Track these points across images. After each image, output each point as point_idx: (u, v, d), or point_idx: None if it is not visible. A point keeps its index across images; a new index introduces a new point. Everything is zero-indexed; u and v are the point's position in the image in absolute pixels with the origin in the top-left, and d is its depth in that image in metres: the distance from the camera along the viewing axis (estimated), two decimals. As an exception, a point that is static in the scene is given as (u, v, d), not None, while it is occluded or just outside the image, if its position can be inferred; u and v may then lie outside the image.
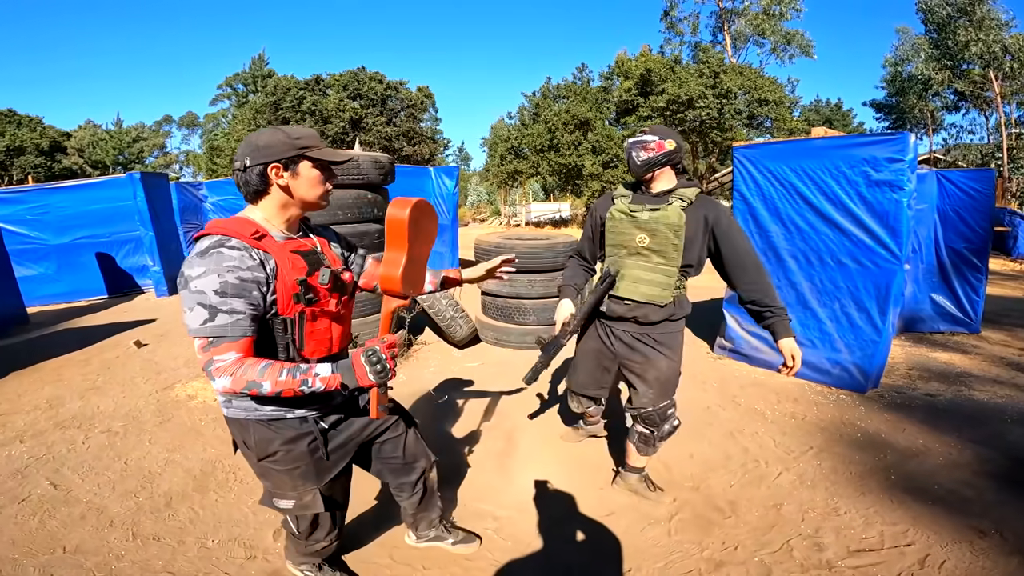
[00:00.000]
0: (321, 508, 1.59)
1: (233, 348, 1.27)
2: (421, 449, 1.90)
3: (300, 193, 1.40)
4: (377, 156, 4.10)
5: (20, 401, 3.85)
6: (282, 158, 1.35)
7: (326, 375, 1.30)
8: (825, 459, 2.87)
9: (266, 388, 1.26)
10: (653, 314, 2.19)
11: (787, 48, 23.67)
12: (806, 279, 3.89)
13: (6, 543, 2.23)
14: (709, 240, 2.12)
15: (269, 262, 1.33)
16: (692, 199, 2.10)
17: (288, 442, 1.50)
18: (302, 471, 1.54)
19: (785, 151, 3.91)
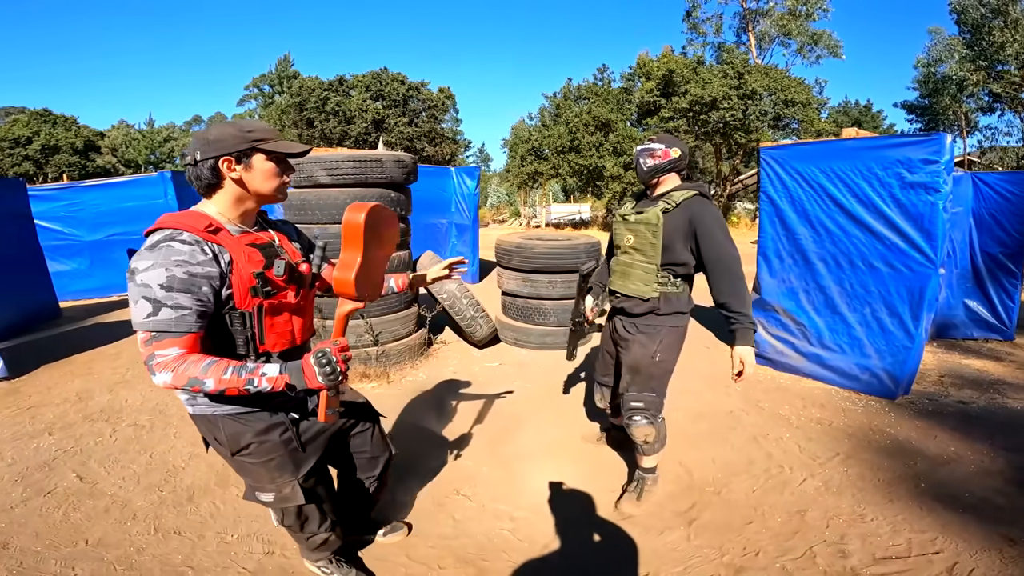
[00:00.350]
0: (301, 500, 1.58)
1: (176, 344, 1.24)
2: (385, 443, 1.94)
3: (255, 186, 1.38)
4: (400, 156, 4.12)
5: (50, 394, 3.95)
6: (234, 151, 1.33)
7: (273, 375, 1.27)
8: (852, 465, 2.81)
9: (208, 385, 1.23)
10: (637, 307, 2.35)
11: (814, 49, 23.20)
12: (835, 283, 3.80)
13: (30, 535, 2.27)
14: (691, 241, 2.19)
15: (224, 256, 1.31)
16: (679, 201, 2.20)
17: (260, 433, 1.49)
18: (277, 462, 1.53)
19: (815, 152, 3.83)
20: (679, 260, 2.22)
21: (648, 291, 2.29)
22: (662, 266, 2.26)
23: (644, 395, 2.37)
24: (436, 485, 2.67)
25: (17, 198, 6.05)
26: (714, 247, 2.15)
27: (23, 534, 2.28)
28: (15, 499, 2.54)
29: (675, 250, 2.21)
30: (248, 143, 1.34)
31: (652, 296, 2.29)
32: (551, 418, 3.44)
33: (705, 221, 2.15)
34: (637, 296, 2.33)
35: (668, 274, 2.27)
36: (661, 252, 2.23)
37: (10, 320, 5.63)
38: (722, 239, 2.15)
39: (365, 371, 4.06)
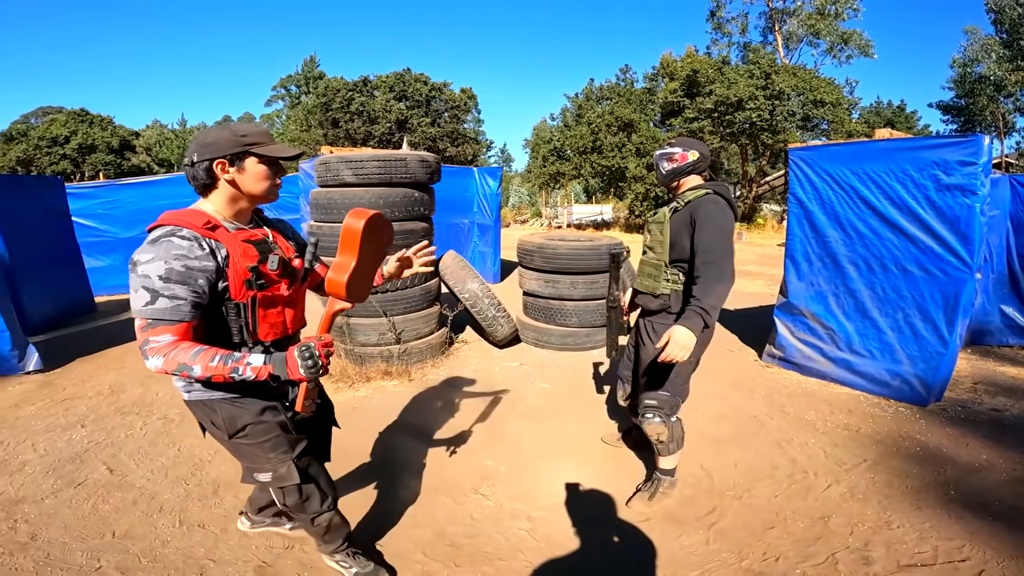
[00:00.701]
0: (297, 478, 1.63)
1: (169, 331, 1.31)
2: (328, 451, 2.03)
3: (247, 187, 1.45)
4: (424, 156, 4.15)
5: (84, 386, 4.07)
6: (227, 154, 1.39)
7: (257, 365, 1.33)
8: (880, 472, 2.76)
9: (196, 372, 1.29)
10: (650, 303, 2.38)
11: (844, 48, 22.67)
12: (867, 287, 3.70)
13: (58, 527, 2.33)
14: (692, 233, 2.17)
15: (221, 251, 1.38)
16: (689, 200, 2.20)
17: (256, 415, 1.56)
18: (273, 443, 1.59)
19: (846, 153, 3.74)
20: (685, 257, 2.21)
21: (657, 287, 2.31)
22: (671, 263, 2.28)
23: (658, 394, 2.36)
24: (454, 483, 2.68)
25: (56, 196, 6.27)
26: (702, 239, 2.11)
27: (52, 525, 2.34)
28: (46, 490, 2.61)
29: (680, 247, 2.21)
30: (241, 147, 1.40)
31: (662, 293, 2.30)
32: (571, 418, 3.42)
33: (701, 214, 2.13)
34: (649, 292, 2.37)
35: (678, 272, 2.27)
36: (668, 249, 2.26)
37: (47, 314, 5.83)
38: (712, 233, 2.10)
39: (387, 369, 4.10)
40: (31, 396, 3.85)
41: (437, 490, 2.62)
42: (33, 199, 5.88)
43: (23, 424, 3.36)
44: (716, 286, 2.07)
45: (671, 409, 2.36)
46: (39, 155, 30.23)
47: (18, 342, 4.22)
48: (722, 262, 2.09)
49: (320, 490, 1.75)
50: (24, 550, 2.18)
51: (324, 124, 25.77)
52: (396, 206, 4.00)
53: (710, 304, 2.06)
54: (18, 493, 2.60)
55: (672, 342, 2.05)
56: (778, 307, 4.23)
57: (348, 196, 3.93)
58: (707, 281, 2.09)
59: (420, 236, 4.27)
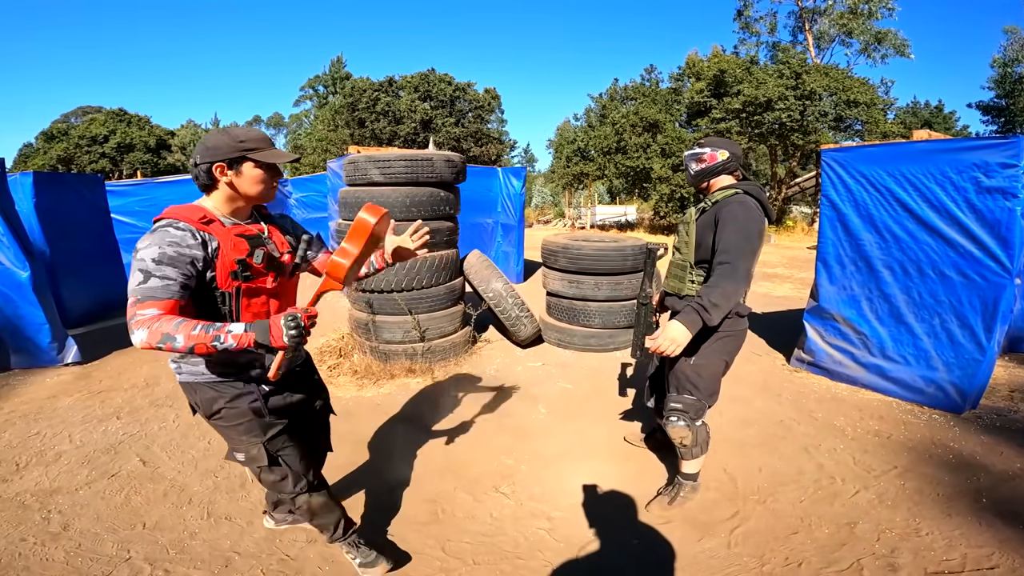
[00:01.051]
0: (265, 460, 1.72)
1: (156, 306, 1.37)
2: (328, 440, 2.09)
3: (244, 189, 1.54)
4: (450, 155, 4.18)
5: (120, 379, 4.20)
6: (226, 158, 1.48)
7: (239, 332, 1.37)
8: (910, 479, 2.70)
9: (179, 341, 1.33)
10: (676, 304, 2.35)
11: (879, 48, 22.03)
12: (902, 291, 3.60)
13: (91, 517, 2.40)
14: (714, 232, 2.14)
15: (212, 243, 1.48)
16: (717, 200, 2.18)
17: (231, 400, 1.65)
18: (245, 427, 1.69)
19: (882, 155, 3.64)
20: (710, 258, 2.17)
21: (683, 288, 2.29)
22: (696, 263, 2.25)
23: (684, 397, 2.32)
24: (475, 482, 2.70)
25: (96, 193, 6.49)
26: (720, 238, 2.07)
27: (85, 516, 2.41)
28: (80, 481, 2.70)
29: (705, 247, 2.18)
30: (239, 152, 1.49)
31: (688, 294, 2.27)
32: (592, 419, 3.41)
33: (724, 213, 2.09)
34: (675, 293, 2.36)
35: (703, 272, 2.23)
36: (694, 249, 2.23)
37: (86, 308, 6.04)
38: (731, 232, 2.05)
39: (411, 366, 4.14)
40: (68, 388, 4.00)
41: (457, 488, 2.64)
42: (74, 196, 6.10)
43: (60, 415, 3.49)
44: (723, 284, 2.01)
45: (696, 413, 2.33)
46: (79, 153, 31.27)
47: (57, 335, 4.38)
48: (735, 262, 2.03)
49: (293, 472, 1.80)
50: (56, 540, 2.25)
51: (351, 124, 26.12)
52: (422, 205, 4.03)
53: (710, 301, 1.99)
54: (53, 484, 2.69)
55: (663, 335, 2.02)
56: (808, 311, 4.14)
57: (375, 195, 3.98)
58: (715, 279, 2.05)
59: (445, 235, 4.30)
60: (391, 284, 4.06)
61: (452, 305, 4.47)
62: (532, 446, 3.06)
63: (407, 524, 2.36)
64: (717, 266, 2.06)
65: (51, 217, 5.65)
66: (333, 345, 4.71)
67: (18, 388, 3.98)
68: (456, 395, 3.79)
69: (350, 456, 2.90)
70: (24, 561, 2.11)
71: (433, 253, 4.19)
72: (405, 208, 3.98)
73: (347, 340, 4.66)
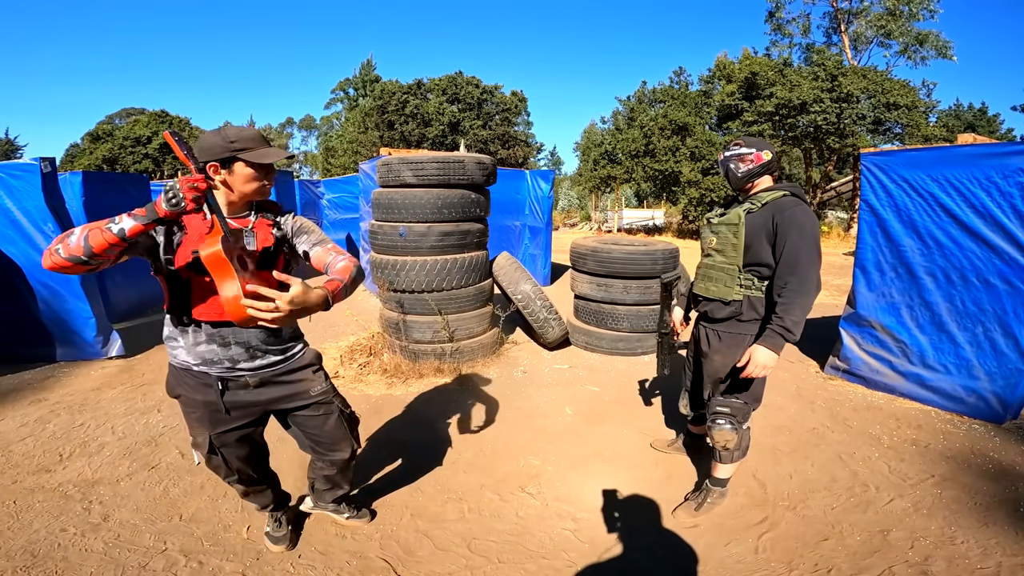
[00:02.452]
0: (205, 451, 1.82)
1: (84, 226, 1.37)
2: (343, 434, 2.03)
3: (237, 188, 1.58)
4: (481, 158, 4.21)
5: (162, 372, 4.29)
6: (218, 158, 1.52)
7: (133, 213, 1.36)
8: (947, 488, 2.64)
9: (75, 235, 1.33)
10: (718, 311, 2.28)
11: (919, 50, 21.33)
12: (944, 299, 3.49)
13: (130, 509, 2.47)
14: (773, 237, 2.09)
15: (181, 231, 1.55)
16: (766, 201, 2.12)
17: (189, 389, 1.74)
18: (198, 416, 1.78)
19: (924, 159, 3.54)
20: (762, 260, 2.12)
21: (729, 293, 2.21)
22: (745, 267, 2.19)
23: (732, 400, 2.30)
24: (502, 481, 2.71)
25: (141, 192, 6.73)
26: (786, 247, 2.03)
27: (125, 507, 2.47)
28: (122, 472, 2.79)
29: (757, 250, 2.12)
30: (230, 152, 1.52)
31: (734, 299, 2.20)
32: (619, 422, 3.39)
33: (785, 219, 2.04)
34: (718, 299, 2.26)
35: (752, 276, 2.17)
36: (743, 252, 2.16)
37: (130, 303, 6.27)
38: (797, 240, 2.02)
39: (439, 366, 4.19)
40: (112, 380, 4.15)
41: (484, 487, 2.66)
42: (121, 194, 6.34)
43: (104, 407, 3.62)
44: (799, 301, 2.01)
45: (744, 417, 2.31)
46: (123, 154, 32.36)
47: (103, 328, 4.56)
48: (807, 274, 2.01)
49: (227, 466, 1.89)
50: (96, 531, 2.31)
51: (380, 126, 26.51)
52: (453, 207, 4.08)
53: (792, 321, 2.00)
54: (95, 475, 2.77)
55: (753, 362, 2.05)
56: (844, 318, 4.04)
57: (408, 196, 4.04)
58: (790, 296, 2.02)
59: (476, 237, 4.34)
60: (422, 285, 4.11)
61: (481, 306, 4.51)
62: (559, 447, 3.06)
63: (434, 521, 2.39)
64: (787, 279, 2.03)
65: (99, 214, 5.87)
66: (364, 343, 4.79)
67: (63, 380, 4.15)
68: (483, 395, 3.82)
69: (378, 453, 2.95)
70: (63, 552, 2.16)
71: (463, 255, 4.23)
72: (436, 209, 4.03)
73: (377, 339, 4.73)
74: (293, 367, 1.86)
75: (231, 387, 1.76)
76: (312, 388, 1.91)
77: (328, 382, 1.99)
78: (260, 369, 1.77)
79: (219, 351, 1.68)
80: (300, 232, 1.75)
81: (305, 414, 1.95)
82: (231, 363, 1.71)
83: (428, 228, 4.06)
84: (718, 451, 2.34)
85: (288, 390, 1.87)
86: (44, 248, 4.35)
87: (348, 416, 2.06)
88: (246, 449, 1.93)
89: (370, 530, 2.32)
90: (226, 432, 1.82)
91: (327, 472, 2.13)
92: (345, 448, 2.07)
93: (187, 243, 1.54)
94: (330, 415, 1.98)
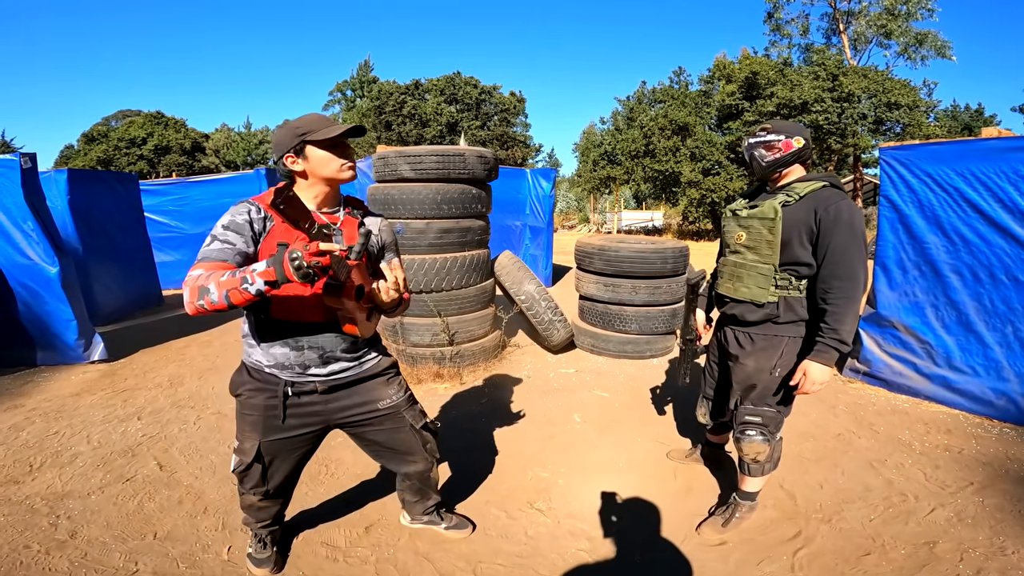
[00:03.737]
0: (250, 458, 1.71)
1: (203, 266, 1.39)
2: (416, 446, 1.91)
3: (318, 172, 1.57)
4: (482, 151, 4.01)
5: (145, 378, 4.14)
6: (290, 148, 1.53)
7: (261, 268, 1.30)
8: (989, 496, 2.48)
9: (212, 293, 1.31)
10: (749, 313, 2.07)
11: (919, 49, 21.27)
12: (971, 298, 3.31)
13: (100, 525, 2.27)
14: (814, 235, 1.90)
15: (270, 222, 1.53)
16: (803, 193, 1.92)
17: (251, 389, 1.66)
18: (253, 419, 1.69)
19: (948, 152, 3.37)
20: (801, 259, 1.92)
21: (763, 295, 2.00)
22: (781, 266, 1.97)
23: (762, 409, 2.10)
24: (509, 496, 2.52)
25: (131, 191, 6.54)
26: (833, 247, 1.84)
27: (95, 523, 2.28)
28: (94, 485, 2.58)
29: (796, 247, 1.92)
30: (298, 138, 1.53)
31: (769, 300, 2.00)
32: (632, 430, 3.20)
33: (831, 214, 1.83)
34: (750, 301, 2.04)
35: (789, 275, 1.96)
36: (780, 250, 1.95)
37: (117, 305, 6.07)
38: (845, 239, 1.82)
39: (439, 371, 3.99)
40: (93, 386, 3.94)
41: (489, 502, 2.46)
42: (109, 194, 6.14)
43: (82, 414, 3.42)
44: (851, 308, 1.83)
45: (776, 426, 2.12)
46: (118, 155, 32.16)
47: (85, 331, 4.36)
48: (856, 275, 1.82)
49: (262, 477, 1.77)
50: (61, 548, 2.12)
51: (377, 127, 26.36)
52: (453, 202, 3.88)
53: (847, 331, 1.83)
54: (65, 487, 2.57)
55: (809, 380, 1.89)
56: (864, 318, 3.85)
57: (405, 191, 3.84)
58: (841, 303, 1.83)
59: (477, 234, 4.14)
60: (420, 285, 3.91)
61: (482, 308, 4.31)
62: (569, 458, 2.87)
63: (435, 542, 2.18)
64: (835, 283, 1.84)
65: (85, 214, 5.69)
66: (359, 347, 4.59)
67: (42, 385, 3.94)
68: (486, 402, 3.62)
69: (371, 465, 2.74)
70: (24, 571, 1.99)
71: (464, 253, 4.03)
72: (436, 205, 3.83)
73: (373, 342, 4.53)
74: (365, 375, 1.78)
75: (297, 393, 1.67)
76: (381, 400, 1.80)
77: (402, 393, 1.87)
78: (331, 376, 1.70)
79: (292, 355, 1.62)
80: (390, 249, 1.81)
81: (371, 428, 1.84)
82: (302, 368, 1.64)
83: (426, 225, 3.86)
84: (747, 463, 2.15)
85: (355, 399, 1.77)
86: (23, 246, 4.17)
87: (421, 429, 1.91)
88: (291, 463, 1.82)
89: (365, 552, 2.12)
90: (277, 440, 1.72)
91: (409, 484, 2.06)
92: (417, 460, 1.94)
93: (273, 235, 1.52)
94: (397, 430, 1.86)
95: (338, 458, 2.82)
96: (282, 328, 1.59)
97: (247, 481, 1.79)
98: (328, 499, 2.48)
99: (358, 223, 1.68)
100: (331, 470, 2.72)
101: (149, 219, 7.05)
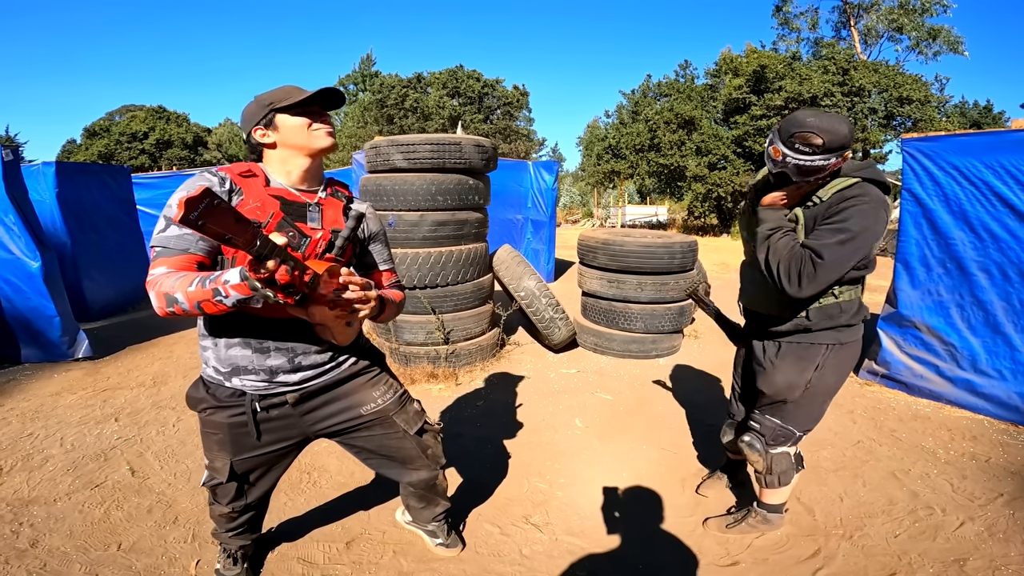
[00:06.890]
0: (224, 478, 1.57)
1: (166, 263, 1.25)
2: (414, 452, 1.73)
3: (292, 141, 1.41)
4: (479, 140, 3.81)
5: (128, 376, 3.98)
6: (258, 120, 1.40)
7: (235, 282, 1.12)
8: (1019, 508, 2.35)
9: (180, 300, 1.17)
10: (779, 323, 1.86)
11: (931, 44, 20.90)
12: (1000, 297, 3.11)
13: (63, 534, 2.14)
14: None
15: (239, 194, 1.34)
16: (827, 196, 1.65)
17: (211, 407, 1.49)
18: (219, 439, 1.53)
19: (976, 144, 3.16)
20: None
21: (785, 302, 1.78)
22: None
23: (765, 418, 1.93)
24: (502, 510, 2.34)
25: (122, 184, 6.37)
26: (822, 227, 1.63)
27: (57, 532, 2.15)
28: (61, 491, 2.44)
29: None
30: (266, 109, 1.40)
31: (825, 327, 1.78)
32: (638, 436, 3.02)
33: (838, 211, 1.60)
34: (778, 315, 1.85)
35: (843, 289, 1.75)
36: None
37: (108, 300, 5.91)
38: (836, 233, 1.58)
39: (433, 371, 3.81)
40: (74, 384, 3.79)
41: (481, 516, 2.29)
42: (100, 187, 5.98)
43: (59, 415, 3.27)
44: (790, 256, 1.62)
45: (774, 439, 1.93)
46: (119, 150, 32.03)
47: (68, 328, 4.20)
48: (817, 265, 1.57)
49: (238, 495, 1.63)
50: (21, 558, 1.99)
51: (379, 121, 26.12)
52: (448, 193, 3.69)
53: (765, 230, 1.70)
54: (32, 493, 2.43)
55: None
56: (883, 318, 3.65)
57: (398, 182, 3.65)
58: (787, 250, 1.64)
59: (474, 227, 3.95)
60: (413, 280, 3.72)
61: (480, 304, 4.12)
62: (568, 467, 2.68)
63: (421, 560, 2.01)
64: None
65: (74, 208, 5.53)
66: (352, 345, 4.42)
67: (24, 383, 3.79)
68: (482, 404, 3.44)
69: (356, 473, 2.57)
70: (-20, 582, 1.85)
71: (460, 247, 3.84)
72: (430, 196, 3.64)
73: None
74: (342, 377, 1.58)
75: (266, 408, 1.49)
76: (364, 405, 1.60)
77: (390, 394, 1.66)
78: (303, 383, 1.50)
79: (255, 358, 1.42)
80: (377, 239, 1.66)
81: (358, 435, 1.65)
82: (268, 374, 1.44)
83: (420, 217, 3.67)
84: (752, 472, 2.02)
85: (334, 407, 1.58)
86: (4, 240, 4.01)
87: (416, 434, 1.71)
88: (273, 477, 1.68)
89: (344, 571, 1.95)
90: (251, 458, 1.56)
91: (412, 491, 1.87)
92: (419, 468, 1.75)
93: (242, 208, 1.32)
94: (388, 436, 1.67)
95: (322, 465, 2.64)
96: (242, 324, 1.39)
97: (222, 496, 1.63)
98: (309, 510, 2.31)
99: (343, 205, 1.50)
100: (313, 479, 2.54)
101: (143, 212, 6.89)
